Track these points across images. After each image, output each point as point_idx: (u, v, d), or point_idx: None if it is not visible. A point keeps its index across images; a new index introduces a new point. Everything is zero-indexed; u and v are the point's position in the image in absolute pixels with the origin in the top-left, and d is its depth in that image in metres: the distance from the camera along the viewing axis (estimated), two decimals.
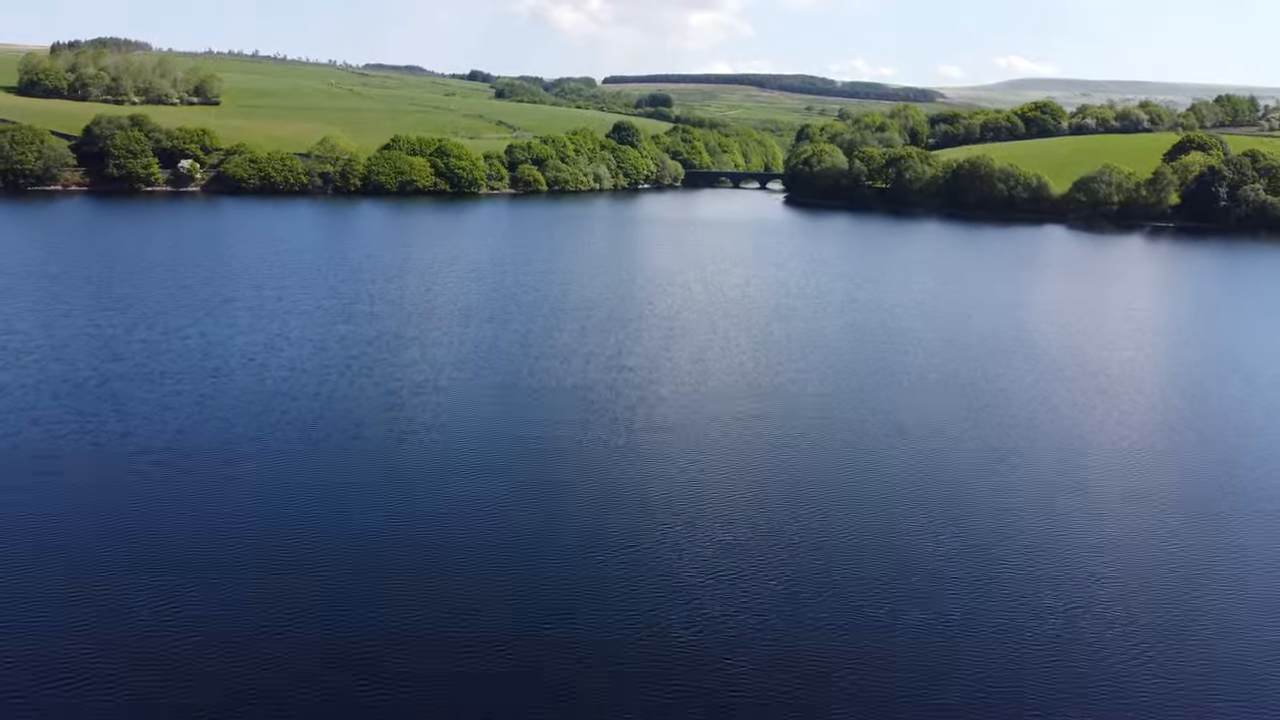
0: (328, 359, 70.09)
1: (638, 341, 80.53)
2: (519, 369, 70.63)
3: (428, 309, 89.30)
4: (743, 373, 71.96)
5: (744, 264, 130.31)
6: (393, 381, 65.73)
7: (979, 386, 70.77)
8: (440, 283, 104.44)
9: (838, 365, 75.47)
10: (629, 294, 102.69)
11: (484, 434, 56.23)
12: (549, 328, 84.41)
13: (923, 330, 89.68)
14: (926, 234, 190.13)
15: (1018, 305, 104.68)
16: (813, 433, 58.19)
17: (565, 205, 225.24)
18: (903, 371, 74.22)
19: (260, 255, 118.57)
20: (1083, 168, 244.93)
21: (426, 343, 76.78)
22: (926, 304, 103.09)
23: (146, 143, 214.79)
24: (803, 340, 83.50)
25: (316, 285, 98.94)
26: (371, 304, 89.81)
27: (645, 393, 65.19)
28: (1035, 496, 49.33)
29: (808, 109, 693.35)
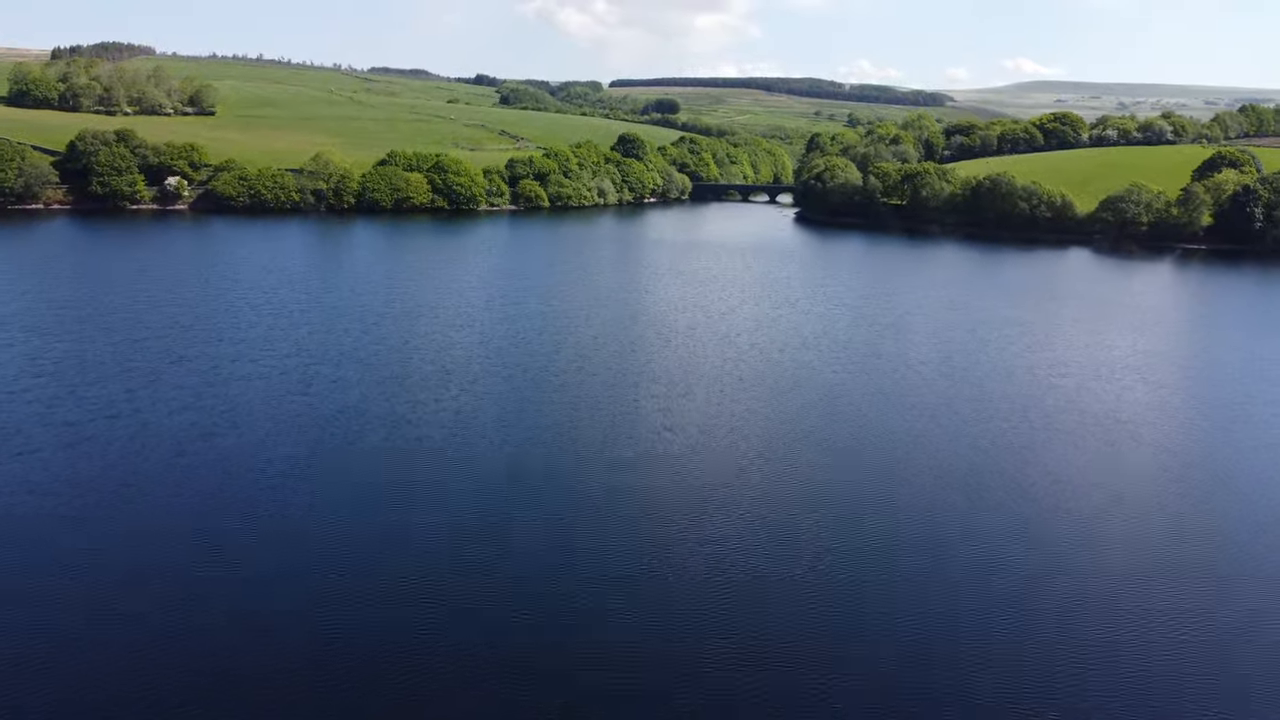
0: (269, 449, 61.21)
1: (634, 417, 71.45)
2: (492, 460, 61.59)
3: (401, 372, 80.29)
4: (752, 460, 62.86)
5: (753, 301, 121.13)
6: (341, 480, 56.84)
7: (1024, 476, 61.52)
8: (421, 333, 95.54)
9: (861, 443, 66.31)
10: (628, 344, 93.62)
11: (442, 563, 47.35)
12: (534, 399, 75.38)
13: (957, 396, 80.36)
14: (946, 260, 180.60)
15: (1059, 362, 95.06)
16: (836, 537, 49.21)
17: (567, 224, 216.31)
18: (938, 454, 65.02)
19: (230, 292, 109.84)
20: (1106, 183, 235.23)
21: (390, 420, 67.77)
22: (956, 359, 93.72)
23: (132, 159, 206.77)
24: (822, 412, 74.29)
25: (282, 338, 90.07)
26: (338, 366, 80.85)
27: (641, 490, 56.29)
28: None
29: (816, 114, 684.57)
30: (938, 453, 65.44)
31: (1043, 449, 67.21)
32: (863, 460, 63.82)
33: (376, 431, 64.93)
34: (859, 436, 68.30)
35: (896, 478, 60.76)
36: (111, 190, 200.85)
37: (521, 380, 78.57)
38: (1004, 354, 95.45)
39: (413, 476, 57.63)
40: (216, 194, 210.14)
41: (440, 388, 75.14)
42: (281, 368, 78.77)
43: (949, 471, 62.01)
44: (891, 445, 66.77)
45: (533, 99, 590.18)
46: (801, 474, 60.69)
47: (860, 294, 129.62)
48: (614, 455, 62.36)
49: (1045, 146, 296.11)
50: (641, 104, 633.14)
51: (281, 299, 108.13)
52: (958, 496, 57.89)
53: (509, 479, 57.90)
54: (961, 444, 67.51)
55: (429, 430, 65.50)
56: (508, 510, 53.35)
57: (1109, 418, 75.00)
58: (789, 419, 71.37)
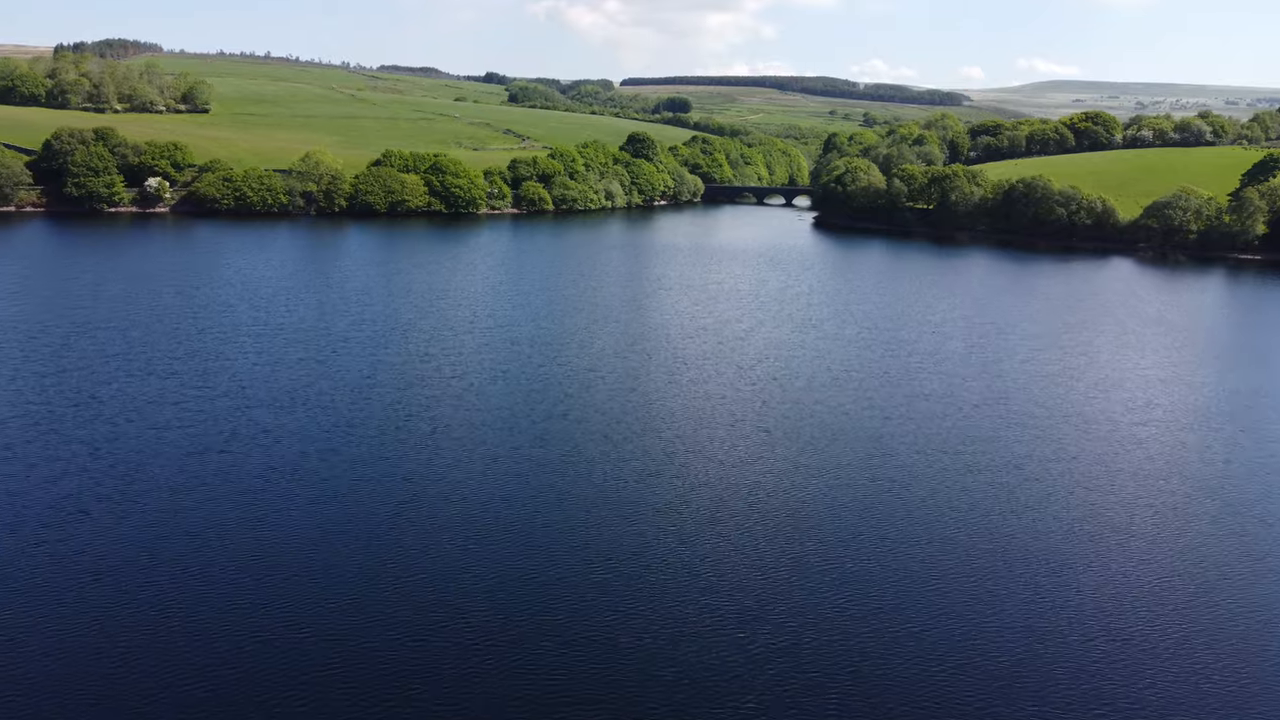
0: (205, 513, 48.26)
1: (632, 485, 58.20)
2: (436, 571, 48.38)
3: (346, 419, 67.13)
4: (788, 559, 49.48)
5: (772, 322, 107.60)
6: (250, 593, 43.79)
7: (1148, 585, 48.00)
8: (384, 364, 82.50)
9: (919, 523, 52.82)
10: (628, 379, 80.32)
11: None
12: (505, 458, 62.15)
13: (1027, 455, 66.76)
14: (981, 271, 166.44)
15: (1140, 405, 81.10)
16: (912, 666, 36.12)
17: (572, 229, 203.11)
18: (1020, 541, 51.51)
19: (181, 310, 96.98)
20: (1144, 186, 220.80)
21: (322, 493, 54.68)
22: (1016, 401, 80.00)
23: (111, 159, 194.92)
24: (868, 478, 60.81)
25: (219, 371, 77.08)
26: (276, 412, 67.73)
27: (647, 574, 43.11)
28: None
29: (831, 113, 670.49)
30: (1019, 539, 51.91)
31: (1149, 537, 53.53)
32: (925, 553, 50.30)
33: (306, 505, 51.84)
34: (915, 512, 54.75)
35: (971, 576, 47.27)
36: (88, 192, 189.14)
37: (493, 431, 65.20)
38: (1071, 395, 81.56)
39: (346, 581, 44.50)
40: (200, 196, 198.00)
41: (384, 443, 61.85)
42: (206, 414, 65.63)
43: (1043, 573, 48.48)
44: (955, 523, 53.23)
45: (542, 97, 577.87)
46: (854, 569, 47.27)
47: (892, 314, 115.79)
48: (607, 541, 49.11)
49: (1076, 147, 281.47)
50: (653, 103, 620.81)
51: (237, 319, 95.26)
52: (1059, 617, 44.37)
53: (457, 597, 44.69)
54: (1049, 529, 53.91)
55: (363, 513, 52.29)
56: (461, 631, 40.17)
57: (1221, 493, 61.13)
58: (828, 488, 57.84)
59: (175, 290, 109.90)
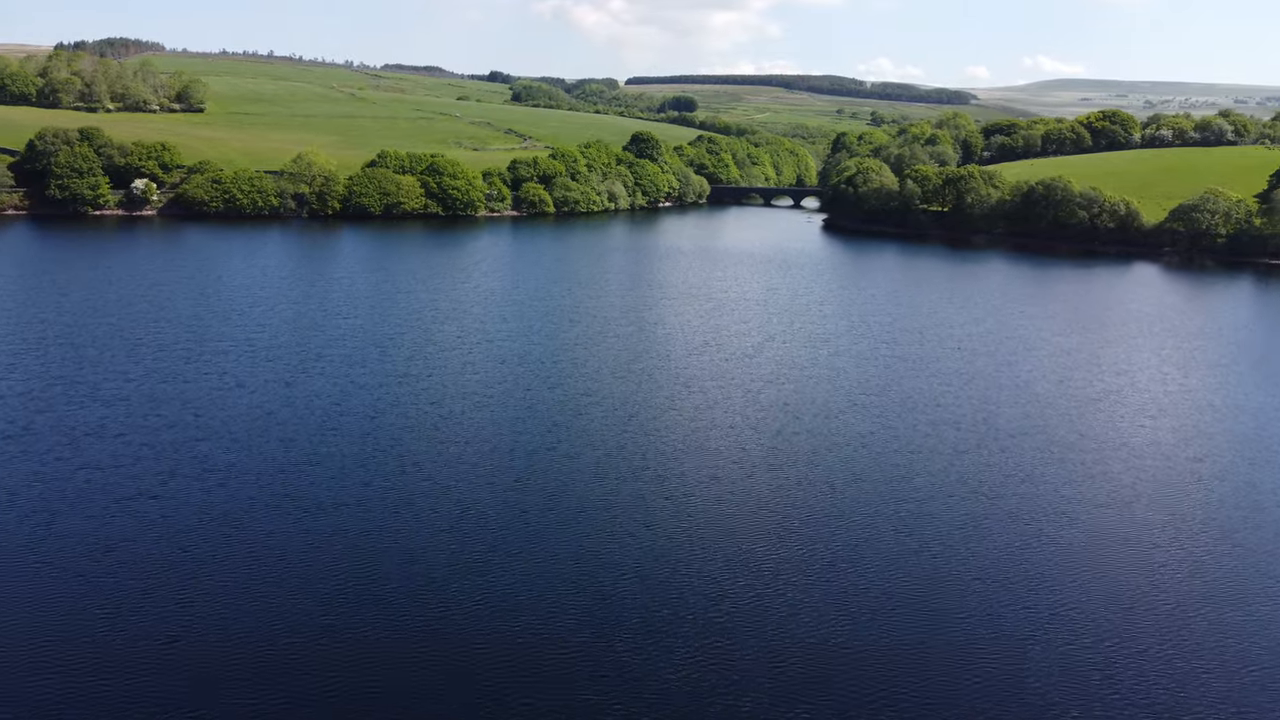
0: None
1: (624, 530, 50.92)
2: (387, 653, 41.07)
3: (321, 453, 59.92)
4: (814, 633, 42.11)
5: (783, 336, 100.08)
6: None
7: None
8: (357, 385, 75.25)
9: (970, 584, 45.41)
10: (626, 404, 72.93)
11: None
12: (501, 488, 54.89)
13: (1078, 498, 59.26)
14: (1002, 278, 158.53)
15: (1192, 435, 73.34)
16: None
17: (573, 232, 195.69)
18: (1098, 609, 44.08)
19: (140, 326, 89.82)
20: (1165, 188, 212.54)
21: (297, 538, 47.46)
22: (1060, 432, 72.40)
23: (96, 160, 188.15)
24: (898, 524, 53.38)
25: (170, 398, 69.91)
26: (228, 448, 60.61)
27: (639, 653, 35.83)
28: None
29: (838, 112, 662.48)
30: (1076, 611, 44.40)
31: (1232, 601, 45.96)
32: (963, 629, 42.79)
33: (242, 567, 44.52)
34: (952, 580, 47.21)
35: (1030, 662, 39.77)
36: (71, 194, 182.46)
37: (469, 471, 57.71)
38: (1116, 422, 73.81)
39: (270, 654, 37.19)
40: (187, 198, 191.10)
41: (344, 487, 54.46)
42: (148, 449, 58.34)
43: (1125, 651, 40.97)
44: (1001, 593, 45.71)
45: (546, 96, 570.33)
46: (882, 646, 39.81)
47: (911, 327, 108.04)
48: (594, 604, 41.74)
49: (1094, 147, 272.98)
50: (658, 101, 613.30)
51: (204, 334, 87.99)
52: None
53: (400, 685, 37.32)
54: (1115, 597, 46.38)
55: (308, 579, 44.95)
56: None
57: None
58: (850, 543, 50.34)
59: (146, 300, 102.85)
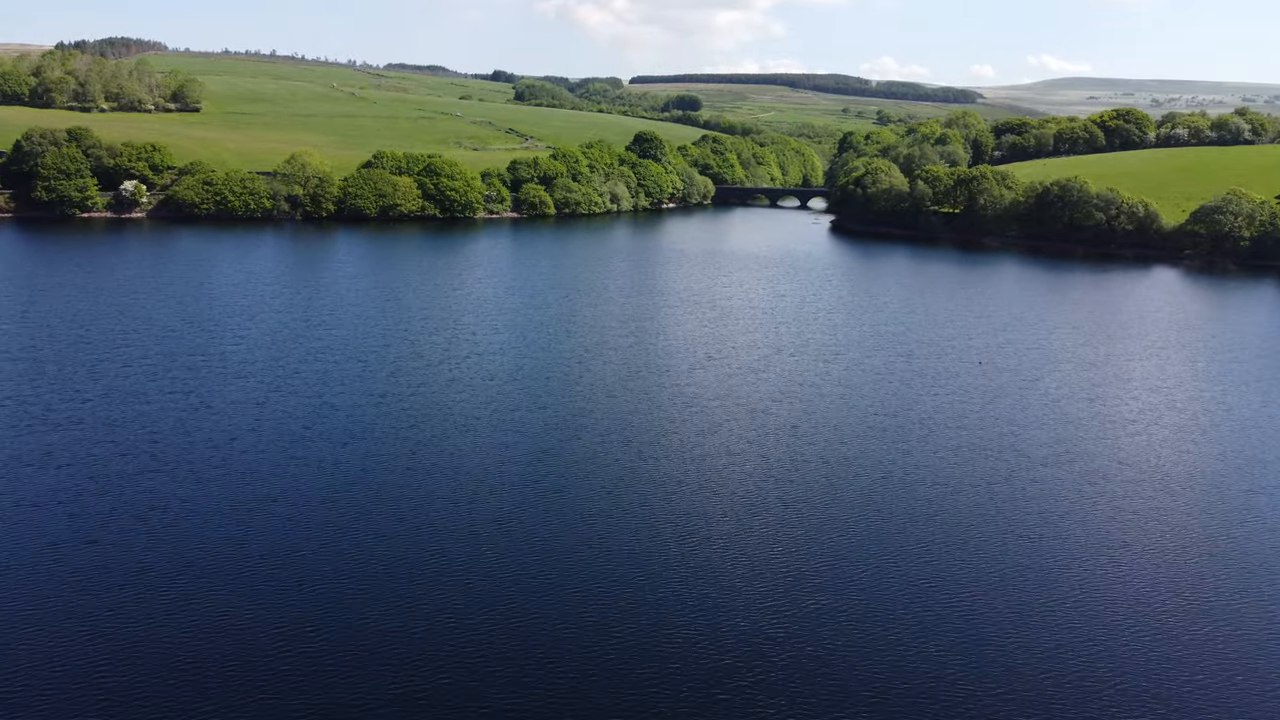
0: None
1: (613, 579, 45.43)
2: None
3: (280, 489, 54.40)
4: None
5: (792, 348, 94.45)
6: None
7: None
8: (350, 406, 69.75)
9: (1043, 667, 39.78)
10: (619, 430, 67.40)
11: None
12: (479, 526, 49.41)
13: (1126, 547, 53.52)
14: (1016, 283, 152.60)
15: (1233, 464, 67.45)
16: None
17: (574, 235, 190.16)
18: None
19: (126, 341, 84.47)
20: (1183, 188, 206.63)
21: (243, 594, 41.99)
22: (1092, 460, 66.62)
23: (84, 161, 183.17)
24: (917, 589, 47.71)
25: (127, 423, 64.51)
26: (210, 479, 55.14)
27: None
28: None
29: (844, 111, 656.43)
30: (1134, 677, 38.76)
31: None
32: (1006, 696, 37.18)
33: (180, 630, 39.07)
34: (993, 635, 41.58)
35: None
36: (58, 196, 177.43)
37: (444, 507, 52.19)
38: (1157, 446, 67.97)
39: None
40: (178, 200, 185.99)
41: (304, 530, 48.98)
42: (93, 483, 52.92)
43: None
44: (1045, 653, 40.05)
45: (549, 95, 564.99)
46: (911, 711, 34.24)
47: (926, 338, 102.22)
48: (579, 664, 36.24)
49: (1107, 146, 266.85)
50: (662, 101, 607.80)
51: (174, 347, 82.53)
52: None
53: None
54: (1179, 663, 40.71)
55: (251, 642, 39.49)
56: None
57: None
58: (870, 595, 44.71)
59: (120, 310, 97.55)
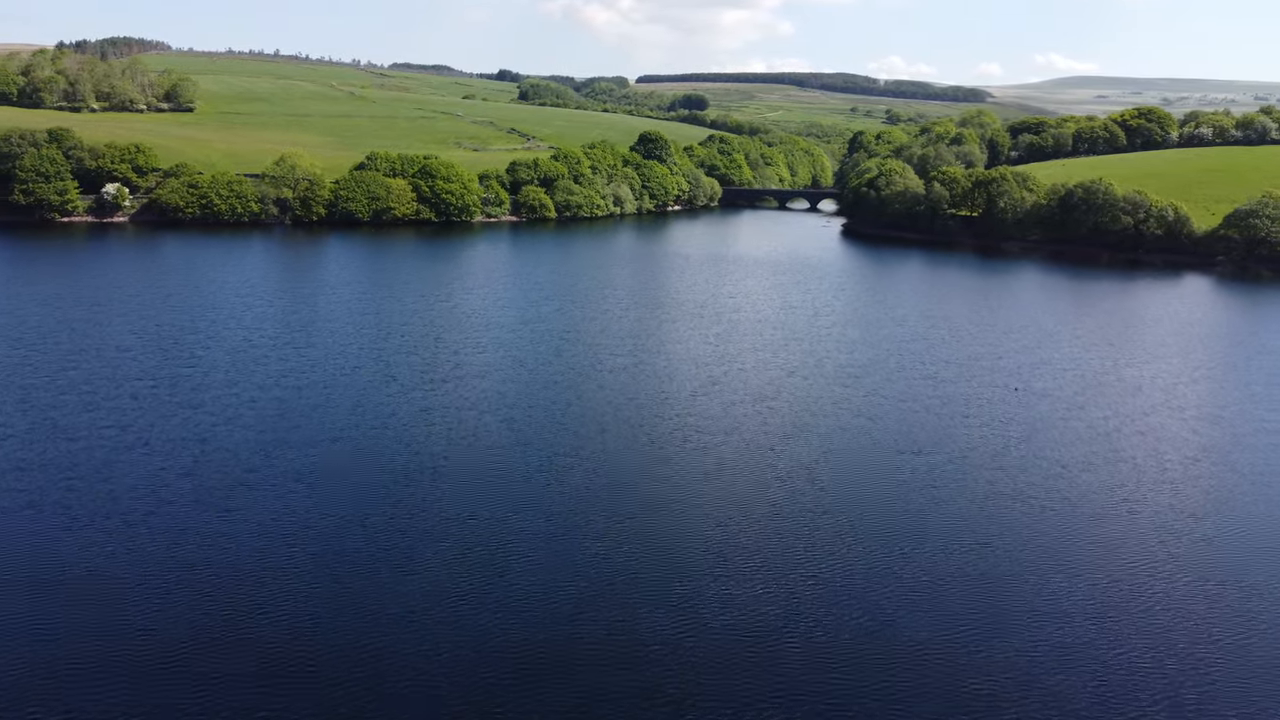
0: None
1: (597, 658, 37.28)
2: None
3: (215, 550, 46.39)
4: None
5: (803, 370, 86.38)
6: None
7: None
8: (307, 442, 61.83)
9: None
10: (615, 471, 59.48)
11: None
12: (446, 592, 41.32)
13: (1211, 646, 45.25)
14: (1041, 291, 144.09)
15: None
16: None
17: (575, 240, 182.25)
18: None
19: (74, 362, 76.72)
20: (1211, 190, 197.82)
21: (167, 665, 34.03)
22: (1157, 510, 58.27)
23: (65, 163, 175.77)
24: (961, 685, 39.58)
25: (92, 454, 56.70)
26: (139, 531, 47.18)
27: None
28: None
29: (852, 110, 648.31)
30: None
31: None
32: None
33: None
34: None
35: None
36: (37, 199, 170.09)
37: (397, 574, 44.19)
38: (1236, 499, 59.53)
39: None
40: (161, 204, 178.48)
41: (251, 590, 41.10)
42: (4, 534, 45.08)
43: None
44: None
45: (553, 95, 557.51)
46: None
47: (953, 356, 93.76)
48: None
49: (1129, 146, 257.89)
50: (668, 100, 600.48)
51: (126, 370, 74.70)
52: None
53: None
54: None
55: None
56: None
57: None
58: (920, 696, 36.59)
59: (72, 326, 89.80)
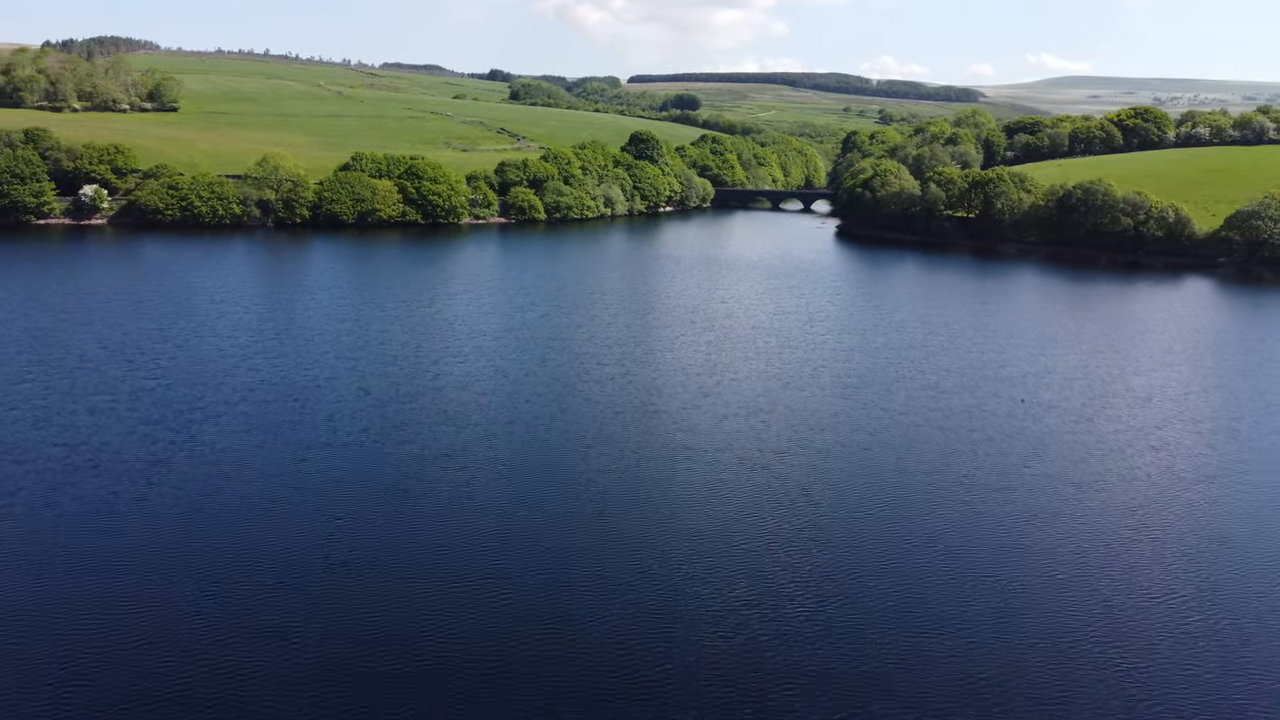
0: None
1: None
2: None
3: (151, 594, 42.58)
4: None
5: (799, 382, 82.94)
6: None
7: None
8: (265, 468, 58.01)
9: None
10: (596, 496, 55.80)
11: None
12: (415, 663, 37.61)
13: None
14: (1040, 295, 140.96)
15: None
16: None
17: (564, 242, 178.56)
18: None
19: (23, 375, 72.66)
20: (1210, 191, 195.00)
21: None
22: (1185, 537, 54.70)
23: (41, 164, 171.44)
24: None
25: (20, 490, 52.72)
26: (52, 583, 43.35)
27: None
28: None
29: (845, 110, 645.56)
30: None
31: None
32: None
33: None
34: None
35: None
36: (11, 202, 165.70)
37: (358, 629, 40.46)
38: (1269, 520, 56.38)
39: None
40: (140, 206, 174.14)
41: (185, 645, 37.31)
42: None
43: None
44: None
45: (545, 94, 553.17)
46: None
47: (954, 366, 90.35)
48: None
49: (1125, 147, 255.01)
50: (660, 100, 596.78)
51: (74, 386, 70.77)
52: None
53: None
54: None
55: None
56: None
57: None
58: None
59: (34, 334, 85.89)
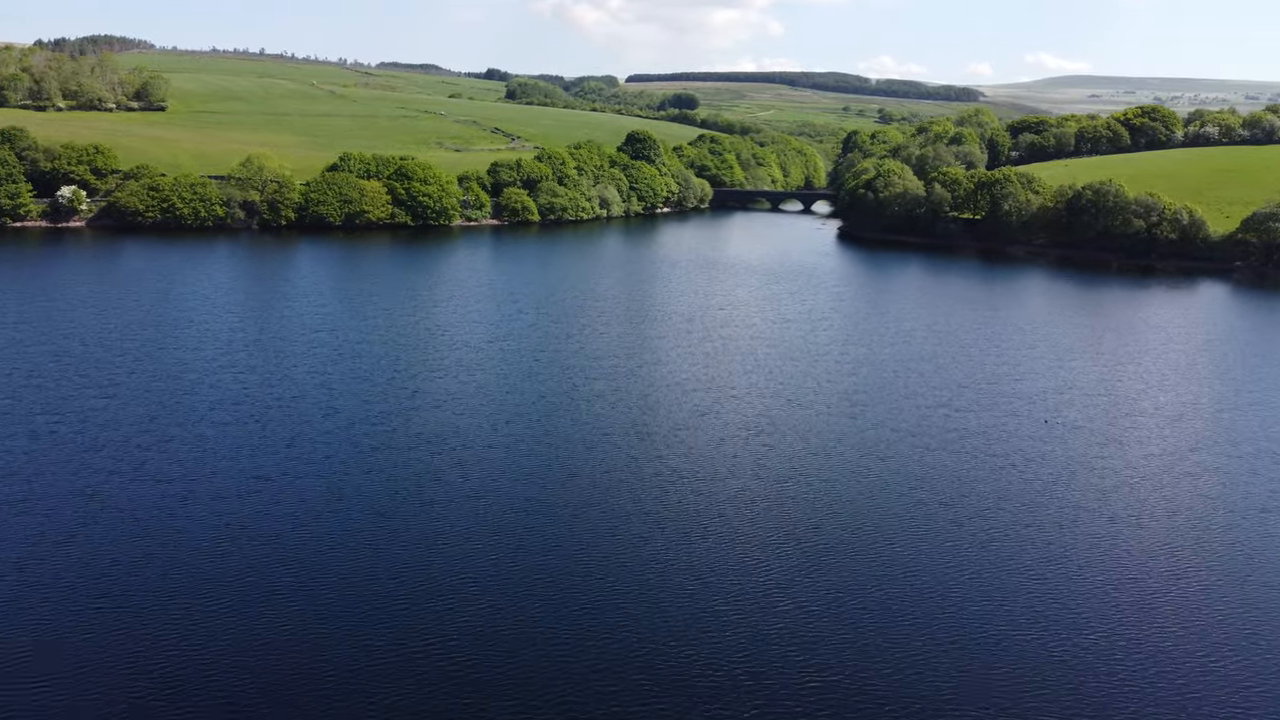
0: None
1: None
2: None
3: (80, 634, 37.01)
4: None
5: (802, 399, 77.55)
6: None
7: None
8: (216, 504, 52.51)
9: None
10: (581, 533, 50.41)
11: None
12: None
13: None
14: (1051, 300, 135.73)
15: None
16: None
17: (558, 245, 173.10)
18: None
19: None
20: (1222, 192, 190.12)
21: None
22: (1237, 578, 49.38)
23: (17, 165, 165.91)
24: None
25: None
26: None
27: None
28: None
29: (844, 109, 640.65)
30: None
31: None
32: None
33: None
34: None
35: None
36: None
37: (306, 693, 35.11)
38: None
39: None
40: (120, 208, 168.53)
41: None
42: None
43: None
44: None
45: (541, 94, 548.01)
46: None
47: (969, 379, 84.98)
48: None
49: (1133, 146, 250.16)
50: (658, 99, 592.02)
51: (15, 407, 65.30)
52: None
53: None
54: None
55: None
56: None
57: None
58: None
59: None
